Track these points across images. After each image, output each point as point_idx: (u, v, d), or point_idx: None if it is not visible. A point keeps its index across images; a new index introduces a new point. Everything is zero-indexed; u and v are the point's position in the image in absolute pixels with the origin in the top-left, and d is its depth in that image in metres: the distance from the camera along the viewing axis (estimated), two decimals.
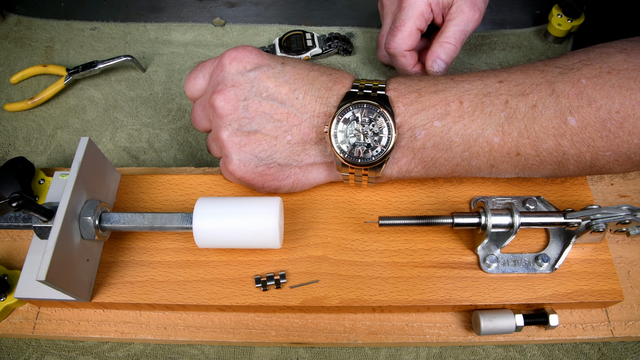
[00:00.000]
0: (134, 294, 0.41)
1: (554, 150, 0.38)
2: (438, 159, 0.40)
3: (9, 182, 0.46)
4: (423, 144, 0.39)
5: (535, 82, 0.38)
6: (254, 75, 0.40)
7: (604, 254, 0.43)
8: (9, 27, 0.67)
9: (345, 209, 0.45)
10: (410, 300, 0.41)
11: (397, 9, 0.51)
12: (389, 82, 0.41)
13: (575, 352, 0.44)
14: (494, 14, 0.68)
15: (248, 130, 0.40)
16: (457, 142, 0.39)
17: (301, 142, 0.41)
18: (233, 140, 0.40)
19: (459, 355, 0.44)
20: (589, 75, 0.37)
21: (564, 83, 0.37)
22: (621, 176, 0.49)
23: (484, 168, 0.40)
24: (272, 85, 0.40)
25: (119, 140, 0.57)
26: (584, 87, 0.37)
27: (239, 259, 0.43)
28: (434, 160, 0.40)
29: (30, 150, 0.57)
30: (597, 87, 0.36)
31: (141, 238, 0.44)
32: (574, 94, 0.37)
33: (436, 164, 0.40)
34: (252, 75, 0.40)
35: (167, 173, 0.51)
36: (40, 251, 0.42)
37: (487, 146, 0.38)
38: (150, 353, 0.44)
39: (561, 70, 0.38)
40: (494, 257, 0.42)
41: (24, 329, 0.43)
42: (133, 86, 0.61)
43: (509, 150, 0.38)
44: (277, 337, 0.42)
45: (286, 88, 0.40)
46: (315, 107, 0.40)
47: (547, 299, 0.41)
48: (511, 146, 0.38)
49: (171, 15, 0.68)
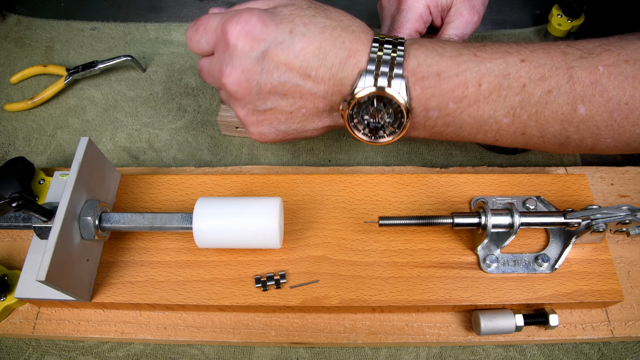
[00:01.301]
0: (134, 294, 0.41)
1: (558, 134, 0.39)
2: (447, 134, 0.41)
3: (9, 182, 0.46)
4: (435, 121, 0.40)
5: (556, 65, 0.38)
6: (262, 55, 0.39)
7: (604, 254, 0.43)
8: (9, 27, 0.67)
9: (345, 209, 0.45)
10: (410, 300, 0.41)
11: (396, 11, 0.51)
12: (408, 56, 0.39)
13: (575, 352, 0.44)
14: (494, 14, 0.68)
15: (264, 109, 0.41)
16: (468, 122, 0.40)
17: (316, 113, 0.41)
18: (250, 118, 0.42)
19: (459, 355, 0.44)
20: (607, 63, 0.37)
21: (583, 69, 0.37)
22: (621, 176, 0.49)
23: (488, 140, 0.42)
24: (282, 64, 0.39)
25: (119, 140, 0.57)
26: (601, 75, 0.37)
27: (239, 259, 0.43)
28: (442, 133, 0.41)
29: (30, 150, 0.57)
30: (612, 77, 0.37)
31: (141, 238, 0.44)
32: (590, 81, 0.37)
33: (443, 134, 0.41)
34: (260, 56, 0.39)
35: (167, 173, 0.51)
36: (40, 251, 0.42)
37: (495, 125, 0.40)
38: (150, 353, 0.44)
39: (582, 54, 0.38)
40: (494, 257, 0.42)
41: (24, 329, 0.43)
42: (133, 86, 0.61)
43: (515, 130, 0.40)
44: (277, 337, 0.42)
45: (297, 65, 0.39)
46: (328, 86, 0.39)
47: (547, 299, 0.41)
48: (518, 127, 0.39)
49: (171, 15, 0.68)
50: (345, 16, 0.40)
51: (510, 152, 0.54)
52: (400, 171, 0.51)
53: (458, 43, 0.40)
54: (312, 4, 0.40)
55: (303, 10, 0.39)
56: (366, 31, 0.40)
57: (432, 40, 0.40)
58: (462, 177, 0.47)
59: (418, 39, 0.40)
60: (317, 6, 0.40)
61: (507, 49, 0.39)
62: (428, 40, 0.40)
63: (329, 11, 0.40)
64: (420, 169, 0.51)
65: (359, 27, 0.40)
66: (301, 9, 0.39)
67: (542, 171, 0.50)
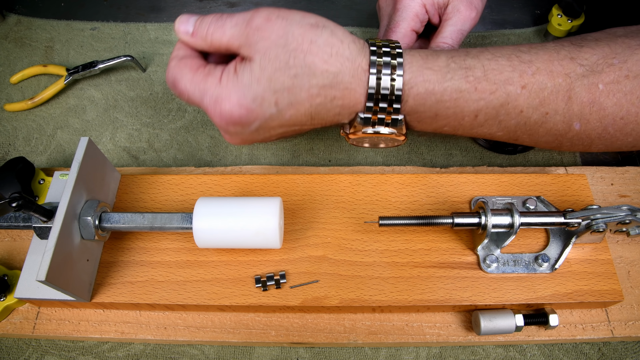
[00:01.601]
0: (134, 294, 0.41)
1: (551, 142, 0.41)
2: None
3: (9, 182, 0.46)
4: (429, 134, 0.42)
5: (556, 88, 0.38)
6: (257, 129, 0.38)
7: (604, 254, 0.43)
8: (9, 27, 0.67)
9: (345, 209, 0.45)
10: (410, 300, 0.41)
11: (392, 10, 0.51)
12: (407, 100, 0.37)
13: (575, 352, 0.44)
14: (494, 14, 0.68)
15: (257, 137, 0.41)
16: (462, 135, 0.42)
17: None
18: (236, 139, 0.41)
19: (459, 355, 0.44)
20: (608, 80, 0.37)
21: (582, 87, 0.37)
22: (621, 176, 0.49)
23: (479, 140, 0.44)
24: (277, 127, 0.39)
25: (119, 140, 0.57)
26: (600, 93, 0.37)
27: (239, 259, 0.43)
28: None
29: (30, 150, 0.57)
30: (611, 94, 0.37)
31: (141, 238, 0.44)
32: (588, 101, 0.37)
33: None
34: (254, 129, 0.38)
35: (167, 173, 0.51)
36: (40, 251, 0.42)
37: (489, 136, 0.41)
38: (150, 353, 0.44)
39: (584, 71, 0.37)
40: (494, 257, 0.42)
41: (24, 329, 0.43)
42: (133, 86, 0.61)
43: (508, 139, 0.42)
44: (277, 337, 0.42)
45: (292, 123, 0.38)
46: (325, 124, 0.40)
47: (547, 299, 0.41)
48: (510, 137, 0.41)
49: (171, 15, 0.68)
50: (333, 57, 0.36)
51: (510, 152, 0.54)
52: (400, 171, 0.51)
53: (460, 70, 0.37)
54: (288, 48, 0.35)
55: (281, 68, 0.35)
56: (360, 71, 0.36)
57: (433, 72, 0.38)
58: (462, 177, 0.47)
59: (417, 75, 0.37)
60: (296, 52, 0.35)
61: (510, 73, 0.38)
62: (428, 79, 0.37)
63: (311, 55, 0.35)
64: (420, 169, 0.51)
65: (351, 68, 0.36)
66: (279, 65, 0.35)
67: (542, 171, 0.50)
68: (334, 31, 0.37)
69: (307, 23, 0.36)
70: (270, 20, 0.36)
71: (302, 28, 0.36)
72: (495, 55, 0.39)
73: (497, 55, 0.39)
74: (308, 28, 0.36)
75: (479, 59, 0.38)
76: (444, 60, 0.38)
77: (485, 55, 0.38)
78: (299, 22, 0.36)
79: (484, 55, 0.38)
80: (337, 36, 0.36)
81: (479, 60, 0.38)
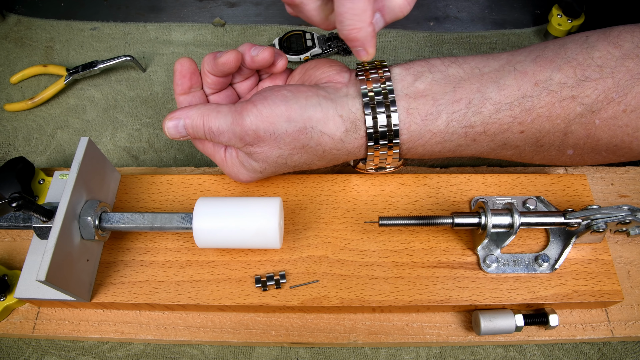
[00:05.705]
0: (134, 294, 0.41)
1: (543, 162, 0.43)
2: None
3: (9, 182, 0.46)
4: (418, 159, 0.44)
5: (554, 128, 0.38)
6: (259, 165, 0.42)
7: (604, 254, 0.43)
8: (9, 27, 0.67)
9: (345, 209, 0.45)
10: (410, 300, 0.41)
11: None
12: (406, 148, 0.40)
13: (575, 352, 0.44)
14: (494, 14, 0.68)
15: None
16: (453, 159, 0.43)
17: None
18: None
19: (459, 355, 0.44)
20: (605, 116, 0.37)
21: (579, 126, 0.38)
22: (621, 176, 0.49)
23: None
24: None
25: (119, 140, 0.57)
26: (596, 128, 0.37)
27: (239, 259, 0.43)
28: None
29: (30, 150, 0.57)
30: (607, 128, 0.37)
31: (141, 238, 0.44)
32: (584, 135, 0.38)
33: None
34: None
35: (167, 173, 0.51)
36: (40, 251, 0.42)
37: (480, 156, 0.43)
38: (150, 353, 0.44)
39: (583, 110, 0.37)
40: (494, 257, 0.42)
41: (24, 329, 0.43)
42: (133, 86, 0.61)
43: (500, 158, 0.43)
44: (277, 337, 0.42)
45: None
46: None
47: (547, 299, 0.41)
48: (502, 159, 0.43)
49: (171, 15, 0.68)
50: (327, 152, 0.40)
51: None
52: (400, 171, 0.51)
53: (460, 129, 0.38)
54: (283, 156, 0.39)
55: (283, 164, 0.41)
56: (358, 148, 0.40)
57: (433, 135, 0.39)
58: (462, 177, 0.47)
59: (416, 138, 0.39)
60: (292, 156, 0.40)
61: (510, 123, 0.38)
62: (427, 142, 0.39)
63: (306, 154, 0.40)
64: (420, 169, 0.51)
65: (350, 147, 0.39)
66: (280, 162, 0.40)
67: (542, 171, 0.50)
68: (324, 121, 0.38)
69: (293, 129, 0.38)
70: (258, 136, 0.38)
71: (290, 137, 0.38)
72: (499, 105, 0.38)
73: (501, 104, 0.38)
74: (296, 135, 0.38)
75: (481, 113, 0.38)
76: (444, 119, 0.38)
77: (488, 107, 0.38)
78: (285, 130, 0.38)
79: (487, 108, 0.38)
80: (327, 129, 0.38)
81: (481, 114, 0.38)
